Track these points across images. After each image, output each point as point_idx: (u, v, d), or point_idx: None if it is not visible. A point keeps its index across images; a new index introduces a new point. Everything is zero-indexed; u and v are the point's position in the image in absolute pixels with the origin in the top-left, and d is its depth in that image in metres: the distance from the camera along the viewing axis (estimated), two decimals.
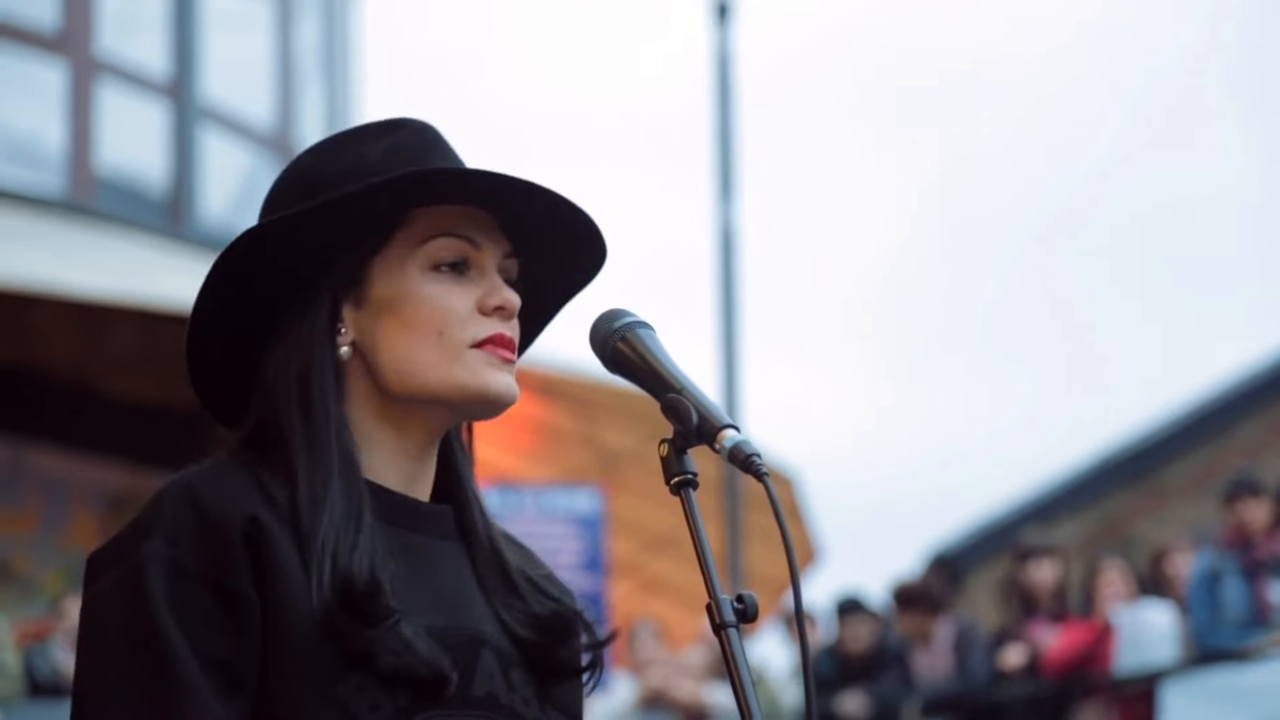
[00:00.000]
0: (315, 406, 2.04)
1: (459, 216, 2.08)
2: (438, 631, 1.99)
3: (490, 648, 2.04)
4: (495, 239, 2.11)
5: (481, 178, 2.06)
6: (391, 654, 1.93)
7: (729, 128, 12.91)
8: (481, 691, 2.01)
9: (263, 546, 1.95)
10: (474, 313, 2.07)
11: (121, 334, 12.81)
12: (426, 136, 2.13)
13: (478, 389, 2.05)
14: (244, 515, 1.95)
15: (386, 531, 2.02)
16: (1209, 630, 9.49)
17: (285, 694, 1.92)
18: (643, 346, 2.03)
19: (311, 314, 2.07)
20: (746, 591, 1.94)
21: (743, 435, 1.95)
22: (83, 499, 13.27)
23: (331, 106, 15.56)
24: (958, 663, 10.19)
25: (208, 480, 2.00)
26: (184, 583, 1.93)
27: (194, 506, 1.96)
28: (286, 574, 1.95)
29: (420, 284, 2.06)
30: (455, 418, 2.12)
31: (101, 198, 13.14)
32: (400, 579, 2.00)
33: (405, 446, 2.09)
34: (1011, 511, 20.60)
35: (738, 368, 12.48)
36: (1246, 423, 19.64)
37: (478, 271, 2.09)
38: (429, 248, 2.07)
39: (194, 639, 1.91)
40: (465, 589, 2.08)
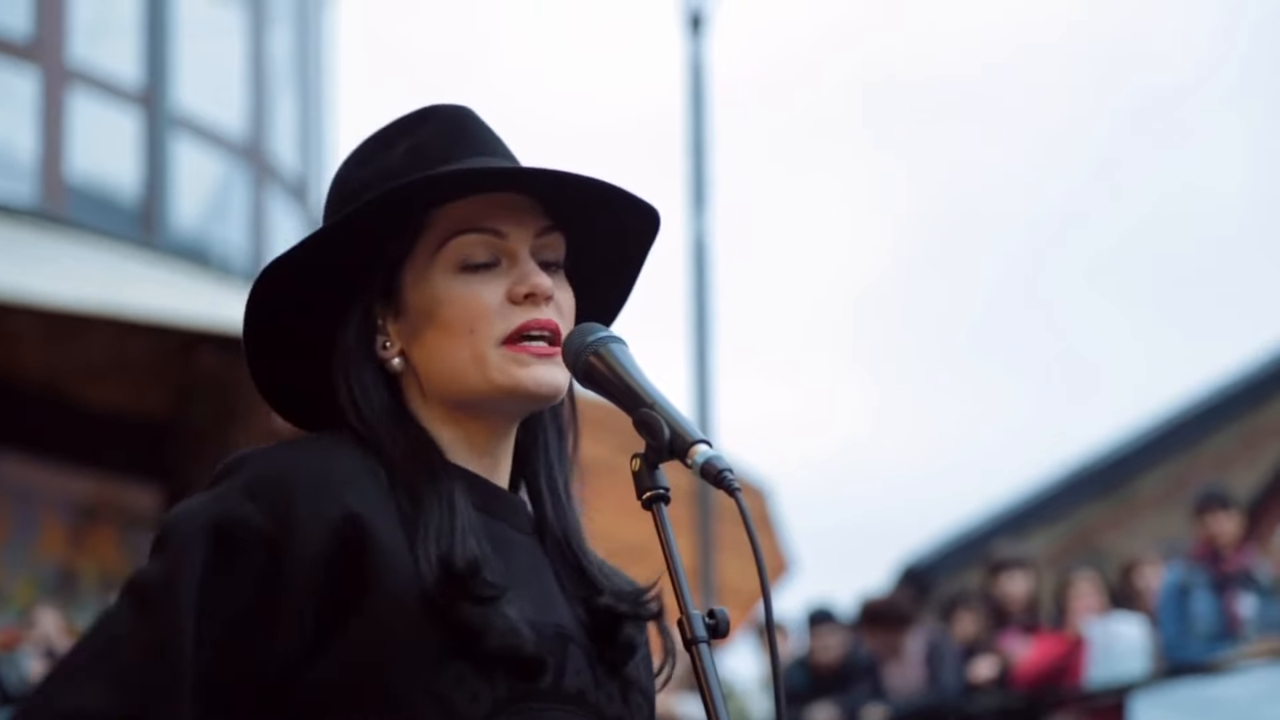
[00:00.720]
0: (379, 429, 2.04)
1: (480, 207, 2.07)
2: (533, 624, 1.99)
3: (577, 644, 2.04)
4: (523, 220, 2.09)
5: (483, 176, 2.06)
6: (498, 633, 1.93)
7: (702, 138, 12.92)
8: (573, 687, 2.01)
9: (364, 541, 1.94)
10: (504, 304, 2.06)
11: (93, 343, 12.76)
12: (452, 125, 2.12)
13: (510, 388, 2.05)
14: (342, 515, 1.94)
15: (480, 519, 2.03)
16: (1178, 643, 9.51)
17: (383, 689, 1.92)
18: (615, 361, 2.03)
19: (350, 332, 2.08)
20: (718, 607, 1.94)
21: (714, 450, 1.95)
22: (53, 508, 13.21)
23: (305, 115, 15.53)
24: (929, 675, 10.19)
25: (313, 460, 1.98)
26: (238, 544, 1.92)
27: (291, 472, 1.96)
28: (391, 563, 1.94)
29: (448, 286, 2.06)
30: (510, 416, 2.11)
31: (73, 206, 13.10)
32: (497, 566, 1.99)
33: (473, 442, 2.09)
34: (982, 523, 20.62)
35: (710, 379, 12.48)
36: (1217, 435, 19.69)
37: (508, 260, 2.08)
38: (451, 248, 2.06)
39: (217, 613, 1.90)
40: (548, 583, 2.08)
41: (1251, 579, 9.51)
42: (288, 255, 2.07)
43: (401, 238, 2.07)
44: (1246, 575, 9.50)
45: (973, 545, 19.41)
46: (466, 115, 2.14)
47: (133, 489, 13.25)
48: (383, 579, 1.93)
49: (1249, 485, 17.35)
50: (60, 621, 10.20)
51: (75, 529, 13.26)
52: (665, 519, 1.98)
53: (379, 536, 1.95)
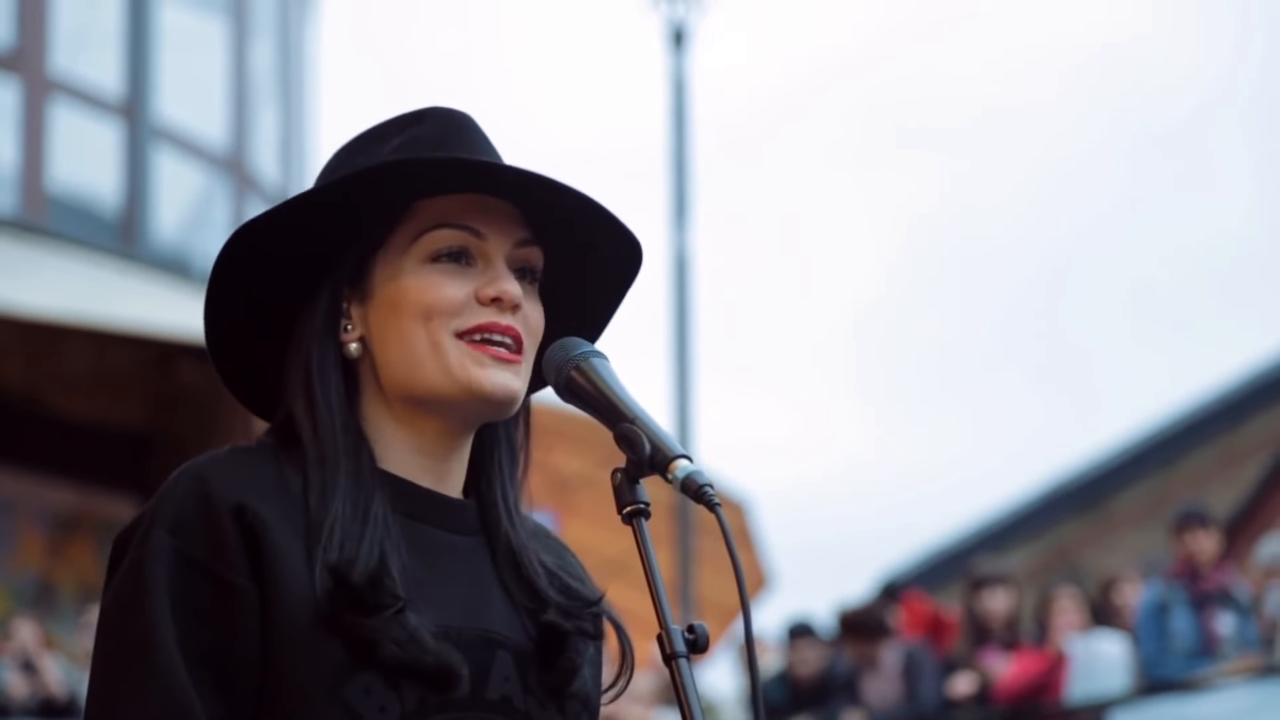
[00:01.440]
0: (319, 403, 2.03)
1: (463, 206, 2.06)
2: (452, 631, 1.96)
3: (507, 649, 2.01)
4: (504, 227, 2.07)
5: (465, 165, 2.04)
6: (394, 644, 1.91)
7: (684, 153, 12.93)
8: (496, 695, 1.98)
9: (257, 536, 1.94)
10: (470, 301, 2.04)
11: (72, 353, 12.74)
12: (450, 125, 2.10)
13: (467, 387, 2.02)
14: (236, 504, 1.94)
15: (404, 525, 2.01)
16: (1157, 660, 9.52)
17: (289, 695, 1.91)
18: (597, 376, 2.02)
19: (314, 312, 2.06)
20: (698, 622, 1.93)
21: (695, 466, 1.95)
22: (31, 519, 13.19)
23: (286, 127, 15.52)
24: (906, 689, 10.19)
25: (220, 465, 1.99)
26: (186, 575, 1.92)
27: (201, 494, 1.95)
28: (284, 566, 1.93)
29: (415, 274, 2.04)
30: (462, 420, 2.08)
31: (53, 217, 13.08)
32: (415, 574, 1.98)
33: (423, 445, 2.07)
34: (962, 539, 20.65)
35: (690, 393, 12.48)
36: (1195, 453, 19.74)
37: (483, 262, 2.06)
38: (428, 239, 2.05)
39: (190, 636, 1.90)
40: (485, 588, 2.05)
41: (1230, 597, 9.52)
42: (265, 217, 2.06)
43: (381, 222, 2.06)
44: (1225, 593, 9.52)
45: (953, 561, 19.44)
46: (464, 118, 2.13)
47: (112, 500, 13.22)
48: (276, 582, 1.92)
49: (1227, 503, 17.38)
50: (38, 633, 10.17)
51: (54, 540, 13.23)
52: (645, 533, 1.97)
53: (274, 540, 1.94)
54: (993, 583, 10.48)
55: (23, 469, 12.99)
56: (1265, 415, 19.46)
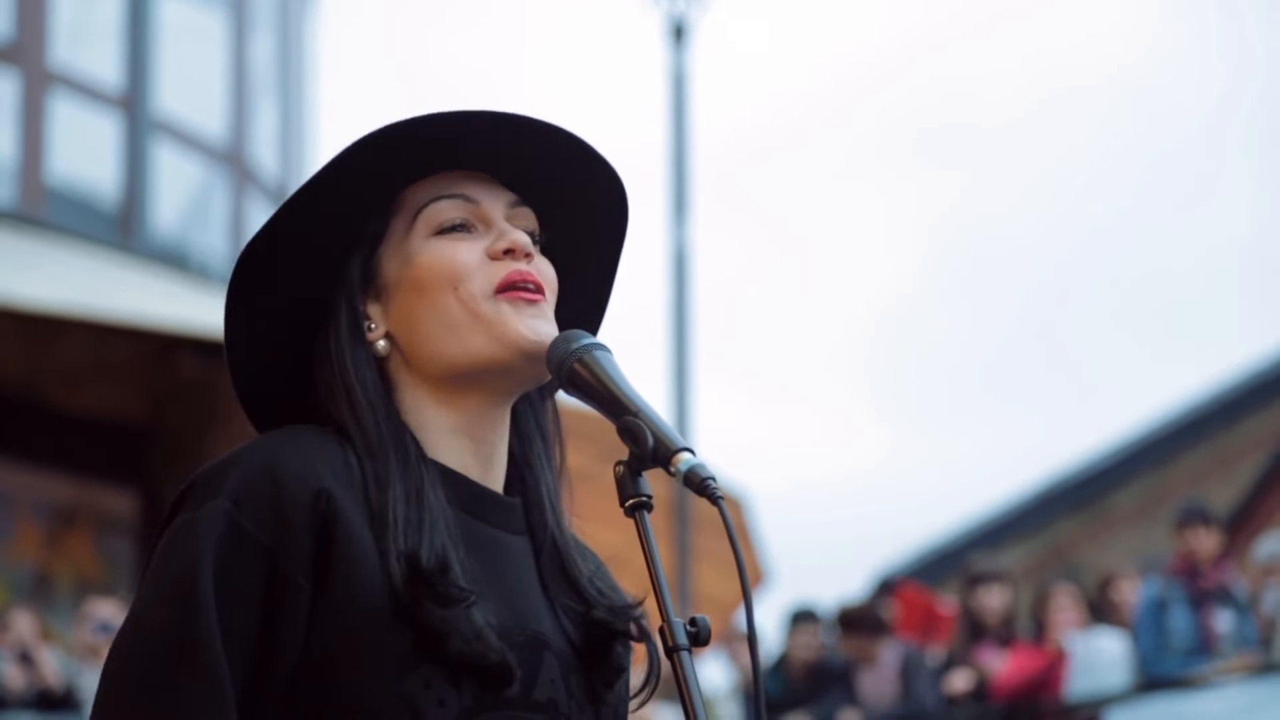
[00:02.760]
0: (359, 402, 2.03)
1: (450, 180, 2.08)
2: (504, 629, 1.96)
3: (552, 651, 2.02)
4: (494, 192, 2.09)
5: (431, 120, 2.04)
6: (463, 639, 1.90)
7: (683, 148, 12.93)
8: (544, 696, 1.99)
9: (333, 524, 1.93)
10: (485, 262, 2.05)
11: (71, 346, 12.74)
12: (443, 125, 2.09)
13: (511, 339, 2.02)
14: (315, 489, 1.93)
15: (457, 517, 2.01)
16: (1155, 658, 9.52)
17: (348, 687, 1.90)
18: (599, 369, 2.01)
19: (336, 324, 2.06)
20: (700, 615, 1.93)
21: (698, 459, 1.94)
22: (28, 512, 13.18)
23: (285, 120, 15.52)
24: (903, 687, 10.20)
25: (293, 446, 1.97)
26: (239, 551, 1.91)
27: (271, 475, 1.94)
28: (358, 554, 1.92)
29: (424, 249, 2.05)
30: (506, 385, 2.07)
31: (52, 209, 13.08)
32: (472, 568, 1.98)
33: (467, 425, 2.07)
34: (958, 536, 20.66)
35: (689, 389, 12.48)
36: (1192, 451, 19.74)
37: (483, 225, 2.07)
38: (426, 215, 2.06)
39: (229, 616, 1.89)
40: (530, 588, 2.05)
41: (1229, 595, 9.52)
42: (261, 237, 2.05)
43: (376, 216, 2.06)
44: (1224, 591, 9.52)
45: (949, 558, 19.44)
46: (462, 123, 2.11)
47: (110, 493, 13.23)
48: (348, 570, 1.91)
49: (1224, 501, 17.39)
50: (35, 624, 10.17)
51: (51, 532, 13.23)
52: (648, 526, 1.97)
53: (349, 524, 1.93)
54: (989, 580, 10.49)
55: (21, 461, 12.99)
56: (1262, 414, 19.47)
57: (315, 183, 2.04)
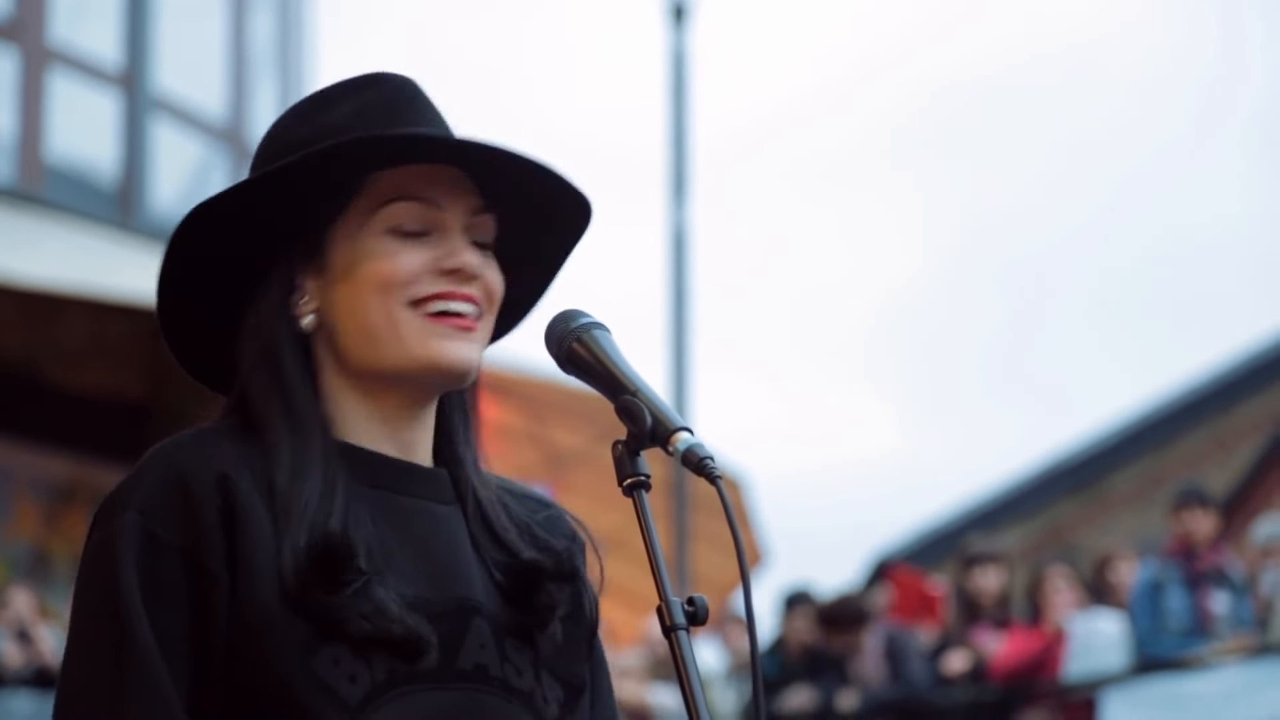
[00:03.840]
0: (280, 378, 2.02)
1: (419, 176, 2.04)
2: (422, 601, 1.96)
3: (483, 616, 2.00)
4: (460, 196, 2.06)
5: (426, 141, 2.03)
6: (361, 618, 1.90)
7: (683, 129, 12.92)
8: (469, 664, 1.97)
9: (235, 509, 1.93)
10: (426, 272, 2.02)
11: (69, 324, 12.74)
12: (400, 93, 2.09)
13: (422, 359, 2.01)
14: (216, 476, 1.94)
15: (371, 496, 2.00)
16: (1152, 639, 9.54)
17: (261, 671, 1.90)
18: (598, 348, 2.01)
19: (268, 286, 2.05)
20: (697, 594, 1.94)
21: (696, 438, 1.94)
22: (27, 490, 13.19)
23: (285, 99, 15.49)
24: (890, 670, 10.21)
25: (188, 446, 1.98)
26: (155, 557, 1.92)
27: (173, 475, 1.95)
28: (259, 542, 1.93)
29: (373, 246, 2.02)
30: (420, 391, 2.06)
31: (51, 187, 13.06)
32: (385, 545, 1.97)
33: (385, 416, 2.06)
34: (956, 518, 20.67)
35: (687, 370, 12.48)
36: (1190, 434, 19.75)
37: (440, 233, 2.04)
38: (385, 212, 2.03)
39: (160, 619, 1.90)
40: (460, 554, 2.04)
41: (1225, 577, 9.54)
42: (216, 200, 2.04)
43: (337, 197, 2.04)
44: (1220, 573, 9.53)
45: (946, 540, 19.46)
46: (411, 85, 2.11)
47: (108, 471, 13.20)
48: (249, 556, 1.92)
49: (1221, 484, 17.41)
50: (33, 602, 10.19)
51: (50, 510, 13.23)
52: (646, 505, 1.96)
53: (248, 509, 1.93)
54: (984, 561, 10.50)
55: (19, 439, 12.99)
56: (1260, 397, 19.48)
57: (291, 166, 2.01)
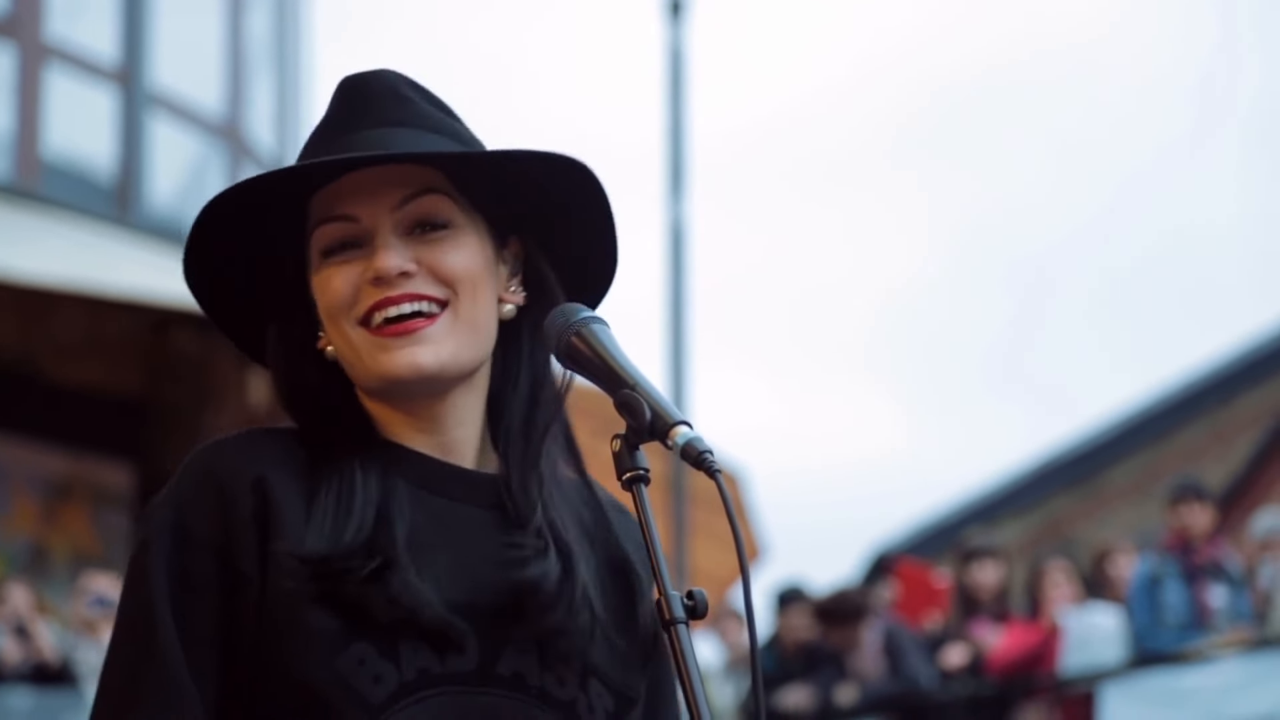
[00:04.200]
0: (306, 405, 2.06)
1: (337, 194, 2.04)
2: (463, 606, 1.94)
3: (524, 623, 1.98)
4: (380, 196, 2.03)
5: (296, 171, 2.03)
6: (389, 601, 1.90)
7: (680, 124, 12.91)
8: (507, 670, 1.96)
9: (270, 508, 1.94)
10: (358, 289, 2.02)
11: (67, 320, 12.73)
12: (349, 99, 2.08)
13: (382, 375, 2.01)
14: (252, 479, 1.95)
15: (412, 494, 2.00)
16: (1150, 633, 9.54)
17: (281, 671, 1.91)
18: (597, 342, 2.00)
19: (284, 320, 2.09)
20: (697, 588, 1.93)
21: (695, 432, 1.94)
22: (24, 485, 13.18)
23: (282, 95, 15.49)
24: (889, 665, 10.21)
25: (229, 446, 2.00)
26: (188, 553, 1.94)
27: (208, 475, 1.97)
28: (292, 536, 1.94)
29: (318, 275, 2.05)
30: (415, 397, 2.05)
31: (48, 183, 13.05)
32: (423, 542, 1.96)
33: (413, 422, 2.06)
34: (954, 512, 20.67)
35: (685, 367, 12.48)
36: (1188, 427, 19.76)
37: (367, 243, 2.03)
38: (315, 239, 2.05)
39: (188, 617, 1.92)
40: (501, 560, 2.01)
41: (1222, 570, 9.54)
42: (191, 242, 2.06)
43: (292, 234, 2.07)
44: (1217, 567, 9.54)
45: (944, 534, 19.47)
46: (365, 84, 2.09)
47: (105, 467, 13.22)
48: (281, 555, 1.93)
49: (1219, 477, 17.41)
50: (31, 598, 10.18)
51: (47, 506, 13.23)
52: (645, 499, 1.96)
53: (283, 506, 1.95)
54: (982, 555, 10.51)
55: (16, 435, 12.98)
56: (1258, 390, 19.49)
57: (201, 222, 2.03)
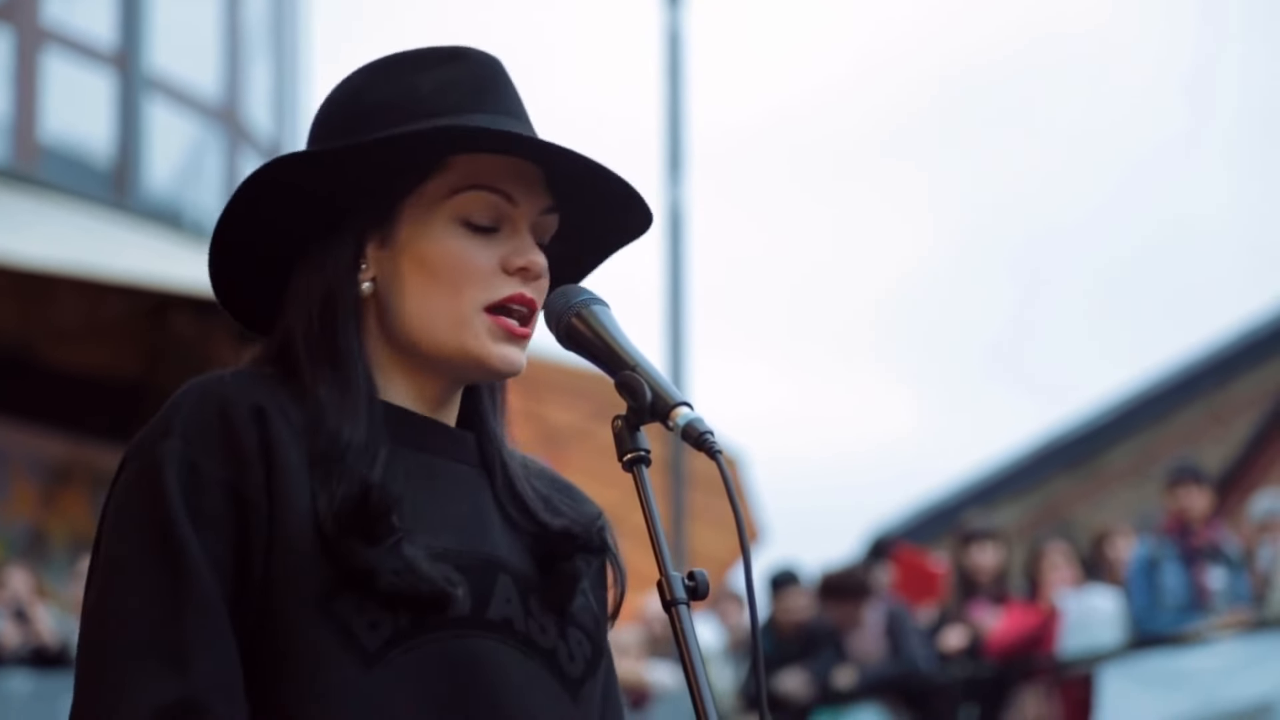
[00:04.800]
0: (336, 336, 2.02)
1: (498, 166, 2.04)
2: (453, 554, 1.96)
3: (509, 573, 2.01)
4: (534, 193, 2.06)
5: (520, 142, 2.02)
6: (391, 572, 1.90)
7: (678, 107, 12.91)
8: (497, 616, 1.97)
9: (271, 443, 1.94)
10: (497, 271, 2.03)
11: (65, 304, 12.73)
12: (486, 72, 2.08)
13: (478, 357, 2.02)
14: (254, 407, 1.94)
15: (403, 452, 2.00)
16: (1147, 615, 9.55)
17: (283, 607, 1.90)
18: (598, 323, 2.01)
19: (337, 245, 2.04)
20: (698, 569, 1.93)
21: (695, 413, 1.94)
22: (23, 470, 13.19)
23: (279, 78, 15.48)
24: (891, 646, 10.22)
25: (227, 380, 1.99)
26: (199, 485, 1.92)
27: (214, 406, 1.95)
28: (291, 480, 1.93)
29: (446, 235, 2.03)
30: (466, 379, 2.08)
31: (46, 167, 13.05)
32: (415, 500, 1.97)
33: (420, 391, 2.07)
34: (952, 495, 20.68)
35: (684, 350, 12.48)
36: (1186, 410, 19.76)
37: (510, 228, 2.05)
38: (461, 199, 2.03)
39: (206, 542, 1.90)
40: (485, 513, 2.05)
41: (1220, 552, 9.55)
42: (307, 155, 2.04)
43: (416, 173, 2.04)
44: (1215, 549, 9.55)
45: (943, 517, 19.47)
46: (497, 64, 2.11)
47: (104, 451, 13.21)
48: (284, 497, 1.92)
49: (1218, 459, 17.43)
50: (31, 582, 10.19)
51: (46, 490, 13.24)
52: (646, 480, 1.96)
53: (283, 448, 1.94)
54: (982, 538, 10.52)
55: (15, 419, 12.99)
56: (1256, 372, 19.49)
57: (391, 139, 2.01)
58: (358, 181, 2.04)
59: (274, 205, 2.06)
